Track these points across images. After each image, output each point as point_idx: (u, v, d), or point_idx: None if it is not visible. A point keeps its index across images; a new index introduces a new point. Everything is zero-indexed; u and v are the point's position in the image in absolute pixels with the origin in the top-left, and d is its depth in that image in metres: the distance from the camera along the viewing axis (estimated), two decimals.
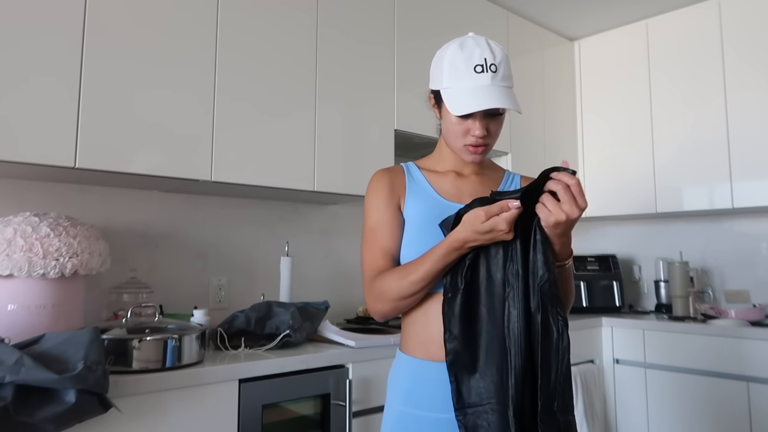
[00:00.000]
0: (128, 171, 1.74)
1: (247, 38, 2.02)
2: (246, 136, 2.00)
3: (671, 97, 3.02)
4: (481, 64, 1.16)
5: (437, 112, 1.29)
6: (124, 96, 1.74)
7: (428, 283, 1.17)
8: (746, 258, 3.01)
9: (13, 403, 1.15)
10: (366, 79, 2.37)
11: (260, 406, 1.65)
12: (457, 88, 1.18)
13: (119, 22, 1.74)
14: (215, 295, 2.27)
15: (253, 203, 2.41)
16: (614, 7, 3.06)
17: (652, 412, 2.72)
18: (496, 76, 1.17)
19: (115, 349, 1.45)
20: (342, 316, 2.53)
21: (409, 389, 1.25)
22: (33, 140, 1.57)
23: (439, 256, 1.14)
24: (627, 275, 3.35)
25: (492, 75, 1.16)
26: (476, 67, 1.17)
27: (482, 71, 1.16)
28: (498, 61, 1.18)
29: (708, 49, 2.91)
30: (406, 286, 1.17)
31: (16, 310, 1.50)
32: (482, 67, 1.16)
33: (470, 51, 1.18)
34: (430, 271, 1.15)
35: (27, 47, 1.57)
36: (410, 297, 1.19)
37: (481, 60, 1.17)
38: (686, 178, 2.93)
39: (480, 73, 1.16)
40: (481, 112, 1.18)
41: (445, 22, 2.69)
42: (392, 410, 1.28)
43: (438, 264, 1.14)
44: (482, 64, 1.16)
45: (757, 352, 2.41)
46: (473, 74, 1.17)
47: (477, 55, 1.17)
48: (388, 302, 1.21)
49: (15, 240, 1.49)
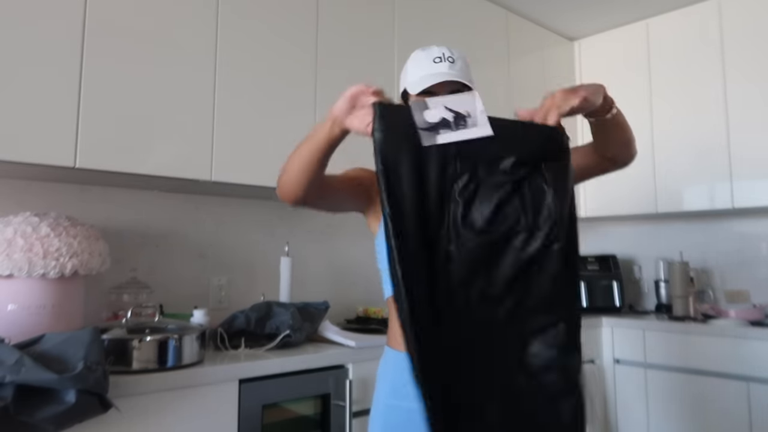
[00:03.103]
0: (128, 171, 1.74)
1: (247, 38, 2.02)
2: (246, 136, 2.00)
3: (671, 97, 3.02)
4: (439, 57, 1.25)
5: None
6: (125, 96, 1.73)
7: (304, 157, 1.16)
8: (746, 258, 3.01)
9: (13, 403, 1.15)
10: (366, 79, 2.36)
11: (260, 406, 1.65)
12: (416, 76, 1.26)
13: (119, 22, 1.74)
14: (215, 295, 2.27)
15: (253, 203, 2.41)
16: (614, 7, 3.06)
17: (652, 412, 2.72)
18: (454, 66, 1.24)
19: (115, 349, 1.45)
20: (342, 316, 2.53)
21: (394, 382, 1.27)
22: (33, 140, 1.56)
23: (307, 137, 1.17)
24: (627, 275, 3.35)
25: (450, 64, 1.24)
26: (435, 59, 1.25)
27: (440, 62, 1.24)
28: (456, 57, 1.26)
29: (708, 49, 2.91)
30: (291, 156, 1.20)
31: (16, 310, 1.50)
32: (440, 59, 1.25)
33: (430, 50, 1.28)
34: (303, 145, 1.17)
35: (27, 47, 1.57)
36: (291, 174, 1.19)
37: (440, 54, 1.26)
38: (686, 178, 2.93)
39: (438, 63, 1.24)
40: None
41: (445, 22, 2.69)
42: (379, 403, 1.31)
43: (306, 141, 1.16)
44: (440, 57, 1.25)
45: (757, 352, 2.41)
46: (432, 64, 1.25)
47: (436, 51, 1.26)
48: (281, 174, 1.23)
49: (15, 240, 1.49)
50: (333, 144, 1.14)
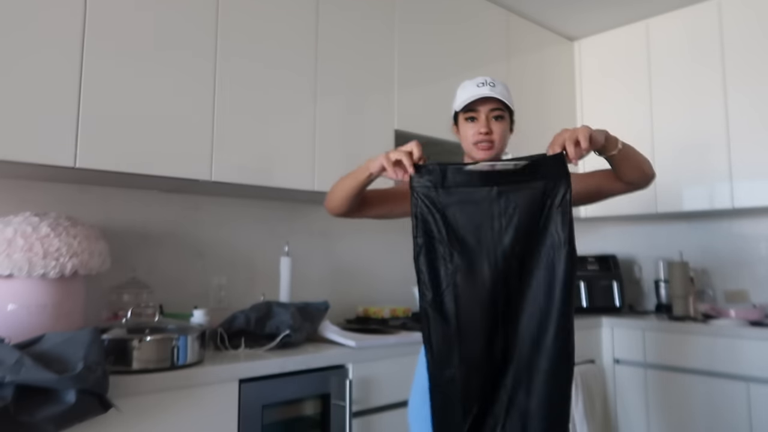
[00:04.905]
0: (128, 171, 1.74)
1: (247, 38, 2.02)
2: (246, 136, 2.00)
3: (671, 97, 3.02)
4: (482, 82, 1.53)
5: (456, 132, 1.61)
6: (124, 96, 1.73)
7: (346, 188, 1.51)
8: (746, 258, 3.01)
9: (13, 403, 1.15)
10: (366, 79, 2.37)
11: (260, 406, 1.65)
12: (462, 98, 1.55)
13: (119, 22, 1.74)
14: (215, 295, 2.27)
15: (253, 203, 2.41)
16: (614, 7, 3.06)
17: (652, 412, 2.72)
18: (495, 89, 1.51)
19: (115, 349, 1.45)
20: (342, 316, 2.53)
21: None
22: (33, 140, 1.56)
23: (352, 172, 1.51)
24: (627, 275, 3.35)
25: (491, 87, 1.51)
26: (478, 84, 1.53)
27: (483, 86, 1.51)
28: (497, 82, 1.53)
29: (708, 49, 2.90)
30: (334, 186, 1.56)
31: (16, 310, 1.50)
32: (483, 84, 1.52)
33: (476, 78, 1.55)
34: (345, 180, 1.53)
35: (27, 47, 1.57)
36: (335, 197, 1.55)
37: (483, 80, 1.53)
38: (686, 178, 2.93)
39: (480, 87, 1.51)
40: (483, 115, 1.52)
41: (445, 22, 2.69)
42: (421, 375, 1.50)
43: (350, 176, 1.50)
44: (483, 82, 1.52)
45: (756, 352, 2.41)
46: (475, 87, 1.52)
47: (481, 79, 1.54)
48: (329, 194, 1.59)
49: (15, 240, 1.49)
50: (369, 183, 1.50)
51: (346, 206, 1.55)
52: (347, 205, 1.55)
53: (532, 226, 1.31)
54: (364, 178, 1.46)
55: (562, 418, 1.30)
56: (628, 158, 1.45)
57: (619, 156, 1.42)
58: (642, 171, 1.48)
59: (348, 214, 1.59)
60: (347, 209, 1.56)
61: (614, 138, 1.42)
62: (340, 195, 1.53)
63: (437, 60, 2.63)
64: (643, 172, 1.48)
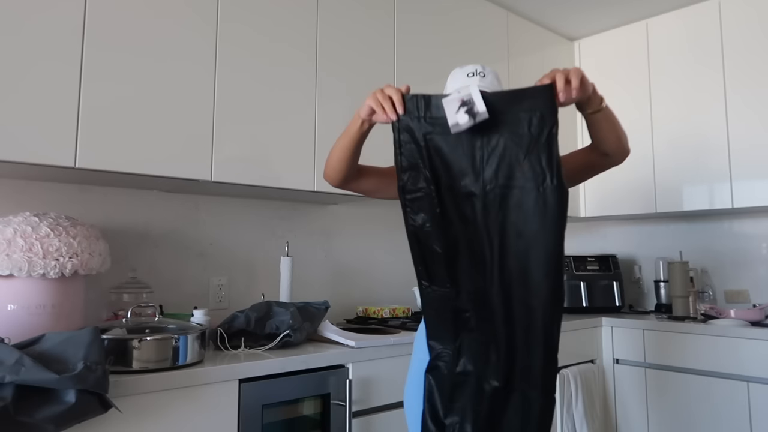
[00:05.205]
0: (128, 171, 1.74)
1: (247, 37, 2.02)
2: (246, 136, 2.00)
3: (671, 97, 3.02)
4: (472, 72, 1.46)
5: None
6: (124, 96, 1.74)
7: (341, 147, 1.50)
8: (746, 258, 3.01)
9: (13, 403, 1.15)
10: (366, 79, 2.37)
11: (260, 406, 1.65)
12: (451, 88, 1.46)
13: (119, 22, 1.74)
14: (215, 295, 2.27)
15: (253, 203, 2.41)
16: (614, 7, 3.06)
17: (652, 412, 2.72)
18: (485, 80, 1.43)
19: (115, 349, 1.45)
20: (342, 316, 2.54)
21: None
22: (33, 140, 1.57)
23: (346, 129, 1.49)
24: (627, 275, 3.35)
25: (480, 78, 1.43)
26: (468, 74, 1.46)
27: (473, 76, 1.45)
28: (487, 72, 1.46)
29: (708, 48, 2.91)
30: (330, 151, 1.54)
31: (16, 310, 1.50)
32: (473, 74, 1.45)
33: (466, 67, 1.48)
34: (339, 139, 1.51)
35: (27, 47, 1.57)
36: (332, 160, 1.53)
37: (473, 70, 1.46)
38: (686, 178, 2.93)
39: (470, 77, 1.44)
40: None
41: (445, 22, 2.69)
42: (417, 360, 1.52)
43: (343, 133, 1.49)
44: (473, 72, 1.45)
45: (757, 352, 2.41)
46: (465, 78, 1.45)
47: (471, 68, 1.47)
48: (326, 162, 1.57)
49: (15, 240, 1.49)
50: (363, 136, 1.48)
51: (344, 170, 1.52)
52: (345, 169, 1.52)
53: (515, 158, 1.30)
54: (357, 128, 1.44)
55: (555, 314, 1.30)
56: (609, 120, 1.42)
57: (601, 115, 1.39)
58: (619, 139, 1.45)
59: (345, 183, 1.56)
60: (345, 175, 1.53)
61: (600, 95, 1.39)
62: (337, 156, 1.51)
63: (437, 60, 2.63)
64: (620, 141, 1.45)
